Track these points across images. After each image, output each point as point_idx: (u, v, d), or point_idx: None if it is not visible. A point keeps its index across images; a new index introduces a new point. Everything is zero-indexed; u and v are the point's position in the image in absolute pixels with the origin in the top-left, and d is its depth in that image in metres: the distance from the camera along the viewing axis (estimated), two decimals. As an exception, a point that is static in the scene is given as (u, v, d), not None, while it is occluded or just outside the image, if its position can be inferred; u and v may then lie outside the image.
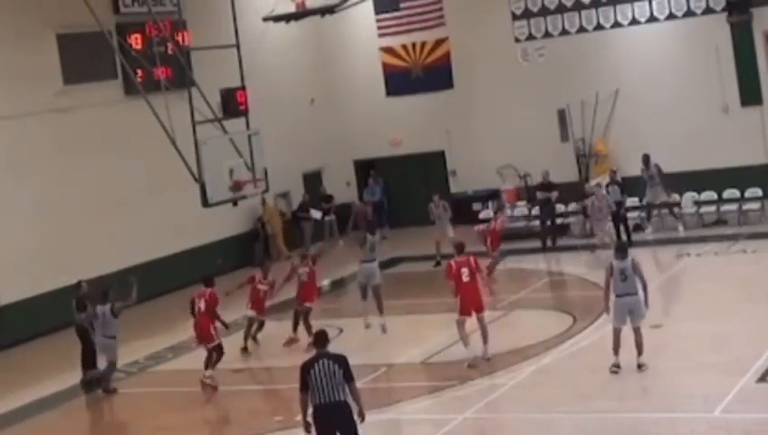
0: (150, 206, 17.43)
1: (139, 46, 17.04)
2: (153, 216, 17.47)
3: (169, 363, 13.30)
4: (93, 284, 13.82)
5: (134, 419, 11.38)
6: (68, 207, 16.28)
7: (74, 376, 12.84)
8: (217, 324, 11.80)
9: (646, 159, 18.06)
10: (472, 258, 11.37)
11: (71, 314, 12.48)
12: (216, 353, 11.66)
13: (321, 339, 7.87)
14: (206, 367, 11.59)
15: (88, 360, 12.59)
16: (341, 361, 7.69)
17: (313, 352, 7.91)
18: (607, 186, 17.75)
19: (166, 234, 17.63)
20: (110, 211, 16.88)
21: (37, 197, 15.92)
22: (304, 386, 7.66)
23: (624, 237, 17.09)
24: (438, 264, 16.56)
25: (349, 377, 7.63)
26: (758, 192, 17.59)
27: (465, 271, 11.17)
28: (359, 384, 7.81)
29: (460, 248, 11.51)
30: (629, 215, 17.53)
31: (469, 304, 11.22)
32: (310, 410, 7.74)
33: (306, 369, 7.67)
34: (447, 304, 14.46)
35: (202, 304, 11.68)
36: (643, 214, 18.08)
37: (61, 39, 16.43)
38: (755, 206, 17.56)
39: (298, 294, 13.02)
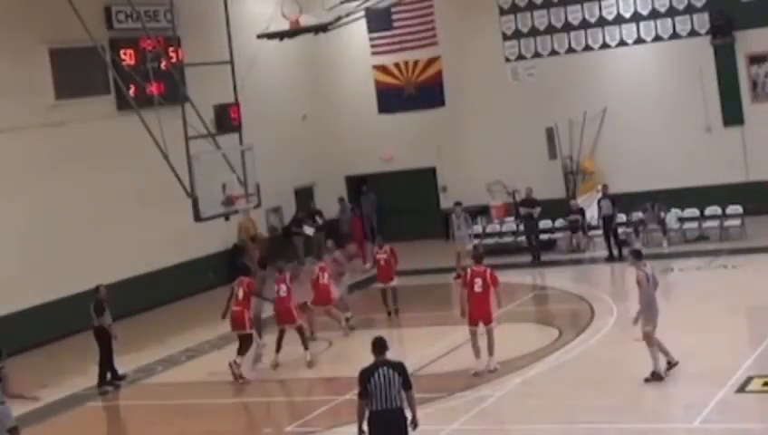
0: (142, 220, 17.47)
1: (132, 62, 17.12)
2: (145, 230, 17.53)
3: (159, 376, 13.36)
4: (82, 298, 13.88)
5: (123, 431, 11.42)
6: (60, 222, 16.29)
7: (60, 391, 12.82)
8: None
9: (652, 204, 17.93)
10: (488, 271, 11.43)
11: (59, 328, 12.30)
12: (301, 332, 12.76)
13: (380, 346, 7.84)
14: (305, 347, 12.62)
15: (105, 361, 12.84)
16: (400, 368, 7.67)
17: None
18: (599, 200, 17.99)
19: (157, 248, 17.68)
20: (102, 226, 16.92)
21: (29, 211, 15.91)
22: (364, 393, 7.65)
23: (615, 251, 17.31)
24: (459, 276, 16.71)
25: (407, 384, 7.66)
26: (739, 209, 17.81)
27: (478, 281, 11.26)
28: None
29: (478, 259, 11.71)
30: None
31: (476, 314, 11.28)
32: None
33: (366, 376, 7.62)
34: (436, 318, 14.67)
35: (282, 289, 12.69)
36: (630, 229, 18.31)
37: (54, 54, 16.46)
38: (736, 222, 17.79)
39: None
